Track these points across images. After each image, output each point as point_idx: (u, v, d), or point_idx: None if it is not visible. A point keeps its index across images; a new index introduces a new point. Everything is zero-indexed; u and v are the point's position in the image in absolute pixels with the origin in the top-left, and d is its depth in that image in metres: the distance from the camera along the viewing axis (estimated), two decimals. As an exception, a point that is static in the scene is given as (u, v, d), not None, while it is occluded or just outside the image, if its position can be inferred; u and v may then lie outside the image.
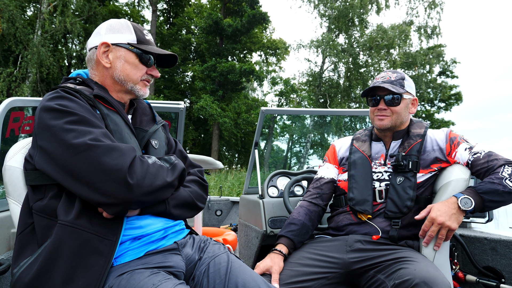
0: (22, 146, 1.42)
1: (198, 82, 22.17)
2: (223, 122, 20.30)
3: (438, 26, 23.80)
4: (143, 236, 1.29)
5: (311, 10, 26.33)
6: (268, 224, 2.52)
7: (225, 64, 20.79)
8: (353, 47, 24.11)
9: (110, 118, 1.32)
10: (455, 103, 28.48)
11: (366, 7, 23.01)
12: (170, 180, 1.27)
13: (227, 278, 1.29)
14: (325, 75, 25.49)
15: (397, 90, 1.81)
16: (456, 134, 1.84)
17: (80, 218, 1.17)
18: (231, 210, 5.41)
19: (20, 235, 1.24)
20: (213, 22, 21.22)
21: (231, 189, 12.32)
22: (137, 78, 1.43)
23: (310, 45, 24.47)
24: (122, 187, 1.12)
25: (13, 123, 2.23)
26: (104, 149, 1.13)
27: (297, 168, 6.97)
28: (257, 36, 25.14)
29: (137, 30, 1.45)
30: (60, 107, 1.20)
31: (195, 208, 1.45)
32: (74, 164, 1.13)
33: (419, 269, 1.44)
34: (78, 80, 1.41)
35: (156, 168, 1.24)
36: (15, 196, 1.36)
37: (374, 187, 1.83)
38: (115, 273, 1.19)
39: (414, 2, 23.96)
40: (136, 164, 1.17)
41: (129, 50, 1.42)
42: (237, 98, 23.86)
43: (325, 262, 1.69)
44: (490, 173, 1.66)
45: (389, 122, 1.85)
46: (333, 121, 5.77)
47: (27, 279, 1.15)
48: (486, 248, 2.17)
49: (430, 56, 24.27)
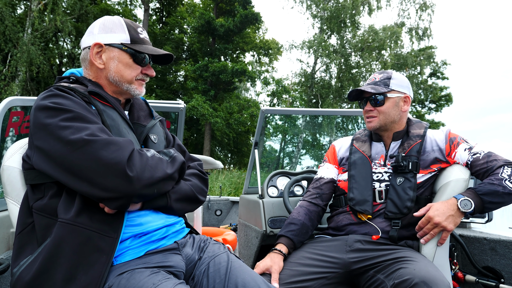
0: (20, 146, 1.42)
1: (190, 82, 22.07)
2: (215, 122, 20.26)
3: (429, 28, 23.96)
4: (144, 233, 1.29)
5: (303, 11, 26.39)
6: (268, 224, 2.51)
7: (217, 64, 20.72)
8: (345, 48, 24.19)
9: (107, 113, 1.31)
10: (445, 104, 28.75)
11: (358, 8, 23.09)
12: (170, 172, 1.27)
13: (227, 278, 1.29)
14: (317, 75, 25.54)
15: (377, 90, 1.83)
16: (455, 134, 1.85)
17: (81, 215, 1.17)
18: (230, 210, 5.40)
19: (19, 234, 1.23)
20: (205, 22, 21.13)
21: (222, 189, 12.21)
22: (131, 78, 1.41)
23: (302, 46, 24.53)
24: (122, 180, 1.11)
25: (13, 122, 2.22)
26: (101, 143, 1.13)
27: (289, 168, 6.98)
28: (249, 36, 25.09)
29: (131, 28, 1.42)
30: (55, 105, 1.19)
31: (196, 202, 1.45)
32: (73, 161, 1.12)
33: (419, 269, 1.45)
34: (71, 79, 1.40)
35: (156, 161, 1.24)
36: (13, 196, 1.36)
37: (374, 188, 1.83)
38: (115, 272, 1.18)
39: (406, 3, 24.12)
40: (135, 157, 1.17)
41: (123, 50, 1.39)
42: (229, 98, 23.83)
43: (325, 262, 1.69)
44: (490, 174, 1.67)
45: (377, 123, 1.87)
46: (325, 121, 5.79)
47: (28, 278, 1.14)
48: (486, 248, 2.18)
49: (421, 57, 24.44)
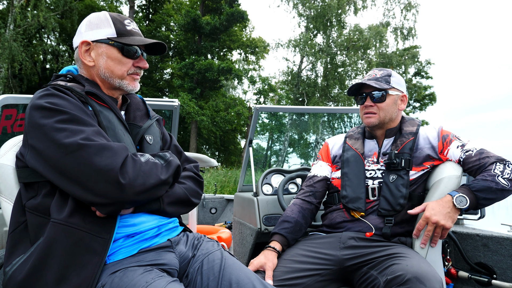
0: (13, 143, 1.41)
1: (176, 80, 21.93)
2: (201, 120, 20.19)
3: (413, 28, 24.26)
4: (137, 233, 1.28)
5: (290, 10, 26.43)
6: (263, 221, 2.52)
7: (203, 62, 20.62)
8: (331, 47, 24.33)
9: (103, 114, 1.30)
10: (429, 103, 29.16)
11: (344, 8, 23.23)
12: (165, 177, 1.26)
13: (220, 275, 1.28)
14: (303, 74, 25.63)
15: (381, 86, 1.82)
16: (448, 132, 1.86)
17: (73, 216, 1.16)
18: (225, 208, 5.40)
19: (12, 233, 1.23)
20: (191, 19, 21.01)
21: (207, 187, 11.91)
22: (122, 73, 1.37)
23: (288, 44, 24.59)
24: (114, 187, 1.11)
25: (6, 120, 2.20)
26: (95, 148, 1.12)
27: (276, 165, 7.01)
28: (236, 34, 25.02)
29: (117, 21, 1.38)
30: (51, 105, 1.18)
31: (189, 205, 1.45)
32: (66, 164, 1.12)
33: (411, 264, 1.46)
34: (68, 77, 1.38)
35: (150, 166, 1.22)
36: (6, 194, 1.35)
37: (367, 185, 1.84)
38: (108, 271, 1.18)
39: (391, 3, 24.37)
40: (128, 163, 1.16)
41: (110, 45, 1.36)
42: (215, 97, 23.76)
43: (318, 259, 1.70)
44: (482, 171, 1.69)
45: (376, 120, 1.86)
46: (310, 120, 5.83)
47: (20, 278, 1.13)
48: (478, 244, 2.20)
49: (405, 57, 24.73)
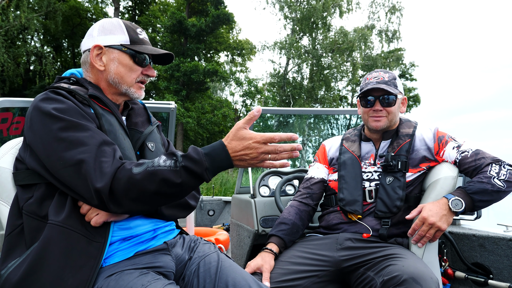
0: (11, 146, 1.41)
1: (162, 82, 21.82)
2: (187, 122, 20.11)
3: (398, 31, 24.65)
4: (133, 236, 1.28)
5: (276, 12, 26.58)
6: (260, 223, 2.51)
7: (189, 64, 20.54)
8: (316, 49, 24.52)
9: (105, 118, 1.30)
10: (413, 105, 29.50)
11: (329, 10, 23.45)
12: (160, 189, 1.22)
13: (217, 278, 1.29)
14: (289, 76, 25.76)
15: (393, 90, 1.82)
16: (443, 133, 1.88)
17: (71, 218, 1.17)
18: (223, 210, 5.41)
19: (8, 236, 1.22)
20: (176, 21, 20.92)
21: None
22: (131, 80, 1.39)
23: (274, 47, 24.69)
24: (109, 204, 1.12)
25: (2, 124, 2.18)
26: (91, 167, 1.11)
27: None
28: (223, 36, 24.97)
29: (130, 29, 1.41)
30: (53, 111, 1.18)
31: (187, 208, 1.46)
32: (64, 176, 1.14)
33: (408, 265, 1.47)
34: (72, 80, 1.38)
35: (145, 177, 1.18)
36: (3, 197, 1.35)
37: (364, 187, 1.85)
38: (104, 274, 1.18)
39: (376, 6, 24.70)
40: (121, 179, 1.12)
41: (122, 51, 1.38)
42: (201, 98, 23.69)
43: (315, 260, 1.70)
44: (478, 172, 1.71)
45: (384, 123, 1.85)
46: (296, 122, 5.87)
47: (15, 280, 1.12)
48: (475, 244, 2.21)
49: (390, 59, 25.08)
